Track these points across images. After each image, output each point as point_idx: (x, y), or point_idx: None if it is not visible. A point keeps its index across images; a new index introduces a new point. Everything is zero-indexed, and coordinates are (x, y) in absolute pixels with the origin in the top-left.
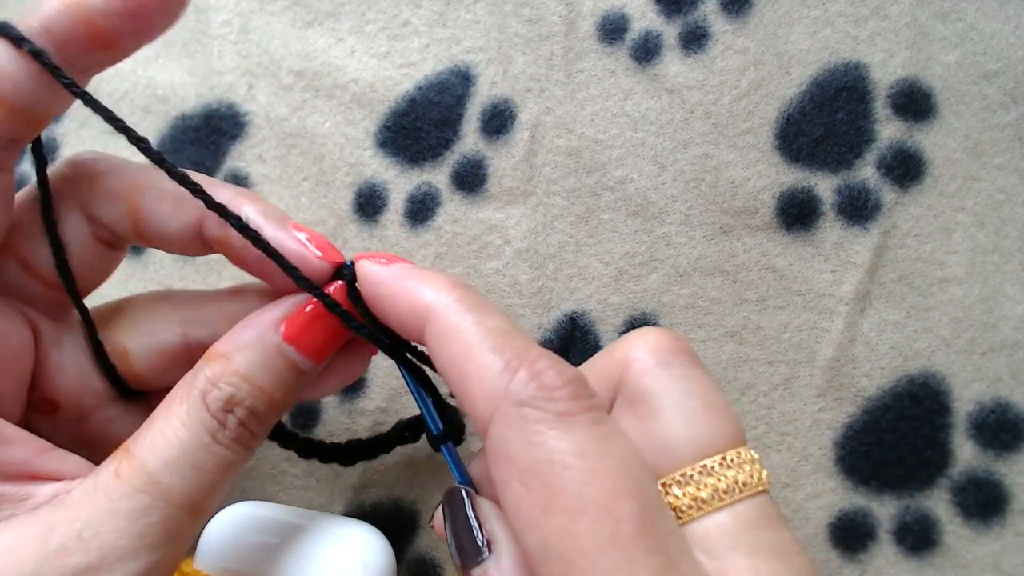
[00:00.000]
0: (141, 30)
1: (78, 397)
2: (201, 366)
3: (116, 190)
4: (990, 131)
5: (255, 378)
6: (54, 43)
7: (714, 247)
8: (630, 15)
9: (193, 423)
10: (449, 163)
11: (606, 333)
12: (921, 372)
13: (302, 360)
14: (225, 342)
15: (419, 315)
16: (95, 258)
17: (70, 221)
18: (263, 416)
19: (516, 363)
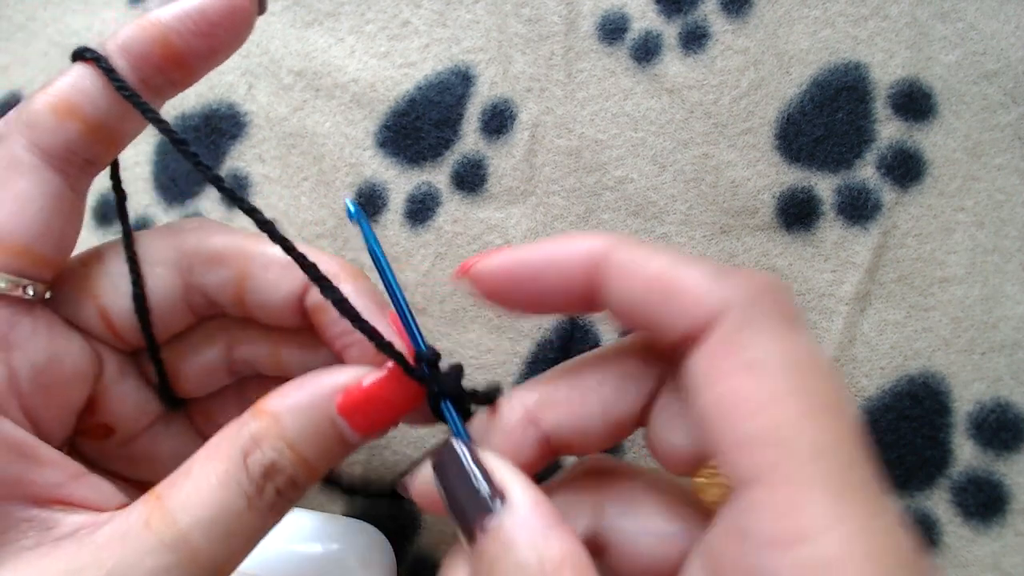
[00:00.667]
0: (213, 50)
1: (134, 422)
2: (247, 420)
3: (224, 255)
4: (990, 131)
5: (300, 446)
6: (131, 64)
7: (714, 247)
8: (630, 15)
9: (231, 485)
10: (449, 163)
11: (606, 333)
12: (921, 372)
13: (351, 434)
14: (277, 400)
15: (589, 262)
16: (176, 319)
17: (161, 278)
18: (302, 486)
19: (724, 272)
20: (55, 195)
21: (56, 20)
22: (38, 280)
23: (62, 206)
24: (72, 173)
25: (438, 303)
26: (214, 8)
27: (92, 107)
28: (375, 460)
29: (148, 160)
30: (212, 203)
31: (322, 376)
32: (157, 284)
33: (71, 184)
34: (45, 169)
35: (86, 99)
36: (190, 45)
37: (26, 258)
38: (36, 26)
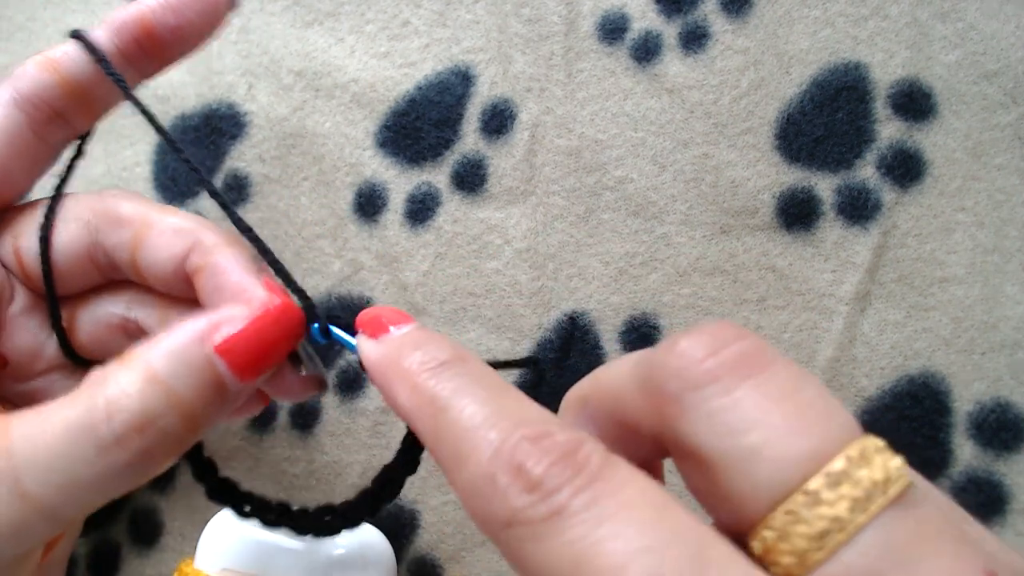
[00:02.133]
0: (181, 29)
1: (28, 359)
2: (113, 368)
3: (127, 218)
4: (990, 131)
5: (176, 393)
6: (113, 37)
7: (714, 247)
8: (630, 15)
9: (79, 433)
10: (449, 163)
11: (606, 333)
12: (921, 372)
13: (231, 377)
14: (147, 346)
15: (405, 419)
16: (80, 273)
17: (71, 232)
18: (179, 438)
19: (493, 467)
20: (13, 132)
21: (56, 20)
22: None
23: (17, 144)
24: (38, 118)
25: (438, 303)
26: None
27: (70, 66)
28: (375, 459)
29: (148, 160)
30: (212, 203)
31: (198, 318)
32: (66, 237)
33: (35, 128)
34: (12, 108)
35: (66, 59)
36: (161, 22)
37: None
38: (36, 26)
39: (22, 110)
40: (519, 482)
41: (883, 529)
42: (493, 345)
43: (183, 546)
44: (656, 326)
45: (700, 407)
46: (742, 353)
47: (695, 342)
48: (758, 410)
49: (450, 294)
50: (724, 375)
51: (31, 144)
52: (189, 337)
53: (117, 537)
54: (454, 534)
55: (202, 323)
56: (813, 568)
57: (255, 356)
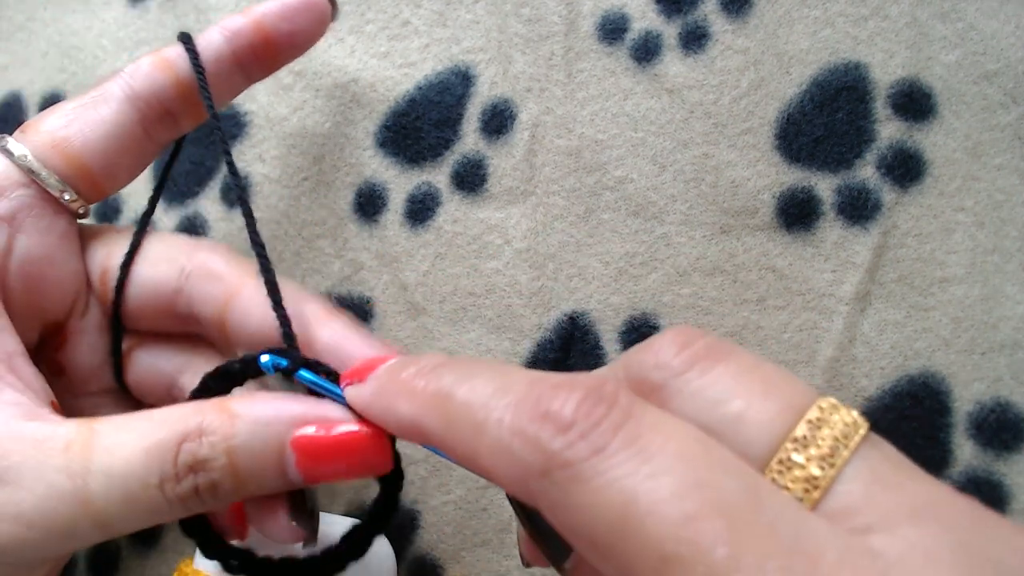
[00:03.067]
0: (294, 35)
1: (85, 375)
2: (208, 407)
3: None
4: (990, 131)
5: (240, 457)
6: (227, 38)
7: (714, 247)
8: (630, 15)
9: (154, 458)
10: (449, 163)
11: (606, 333)
12: (921, 372)
13: (293, 471)
14: (243, 404)
15: (412, 433)
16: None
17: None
18: (222, 495)
19: (519, 420)
20: (125, 127)
21: (56, 20)
22: (79, 194)
23: (127, 139)
24: (150, 116)
25: (438, 303)
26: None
27: (184, 67)
28: None
29: None
30: (211, 203)
31: (293, 401)
32: (154, 275)
33: (145, 125)
34: (126, 104)
35: (181, 60)
36: (276, 28)
37: (78, 169)
38: (36, 26)
39: (135, 107)
40: (549, 426)
41: (865, 460)
42: (493, 345)
43: (183, 546)
44: (656, 326)
45: (684, 389)
46: (708, 345)
47: (667, 341)
48: (734, 383)
49: (450, 294)
50: (699, 362)
51: (139, 140)
52: (277, 416)
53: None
54: (454, 534)
55: (296, 408)
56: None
57: (329, 465)
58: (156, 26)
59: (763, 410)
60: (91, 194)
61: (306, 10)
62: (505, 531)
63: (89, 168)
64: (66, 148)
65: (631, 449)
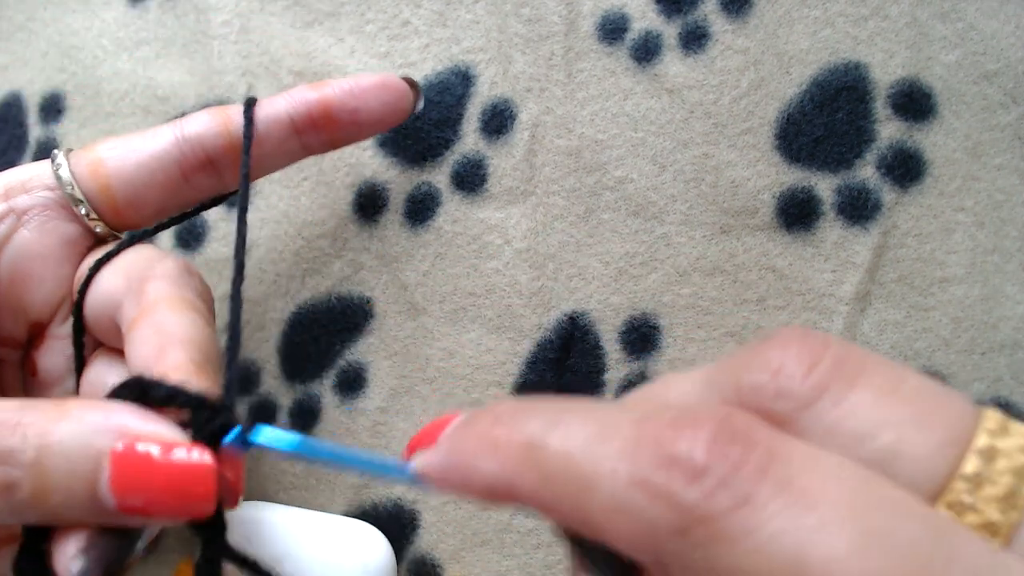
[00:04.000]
0: (358, 115)
1: (54, 379)
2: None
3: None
4: (990, 131)
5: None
6: (290, 109)
7: (714, 247)
8: (630, 15)
9: None
10: (449, 163)
11: (606, 333)
12: (921, 372)
13: (106, 491)
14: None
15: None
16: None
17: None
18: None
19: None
20: (162, 164)
21: (56, 20)
22: (98, 213)
23: (160, 176)
24: (192, 160)
25: (438, 303)
26: (370, 83)
27: (240, 126)
28: None
29: None
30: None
31: (134, 414)
32: (107, 287)
33: (184, 169)
34: (171, 144)
35: (239, 118)
36: (341, 104)
37: (102, 190)
38: (36, 26)
39: (179, 147)
40: (679, 473)
41: None
42: (493, 345)
43: (183, 546)
44: (656, 326)
45: (818, 424)
46: (837, 361)
47: (789, 357)
48: (877, 409)
49: (450, 294)
50: (831, 386)
51: (174, 180)
52: (106, 422)
53: None
54: (454, 534)
55: (129, 420)
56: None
57: (145, 492)
58: (156, 26)
59: (920, 442)
60: (114, 219)
61: (378, 92)
62: (505, 531)
63: (113, 191)
64: (98, 167)
65: (785, 497)
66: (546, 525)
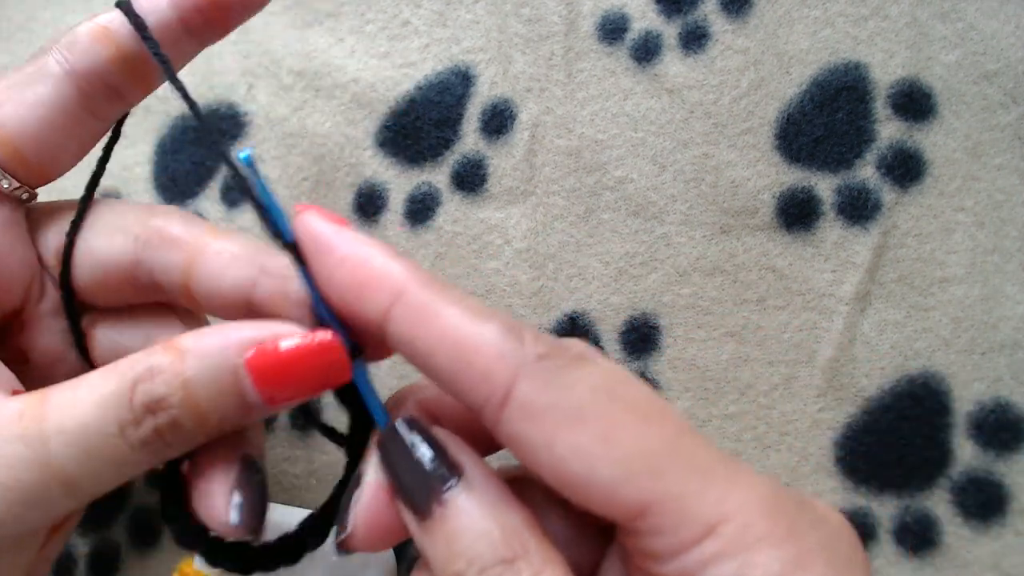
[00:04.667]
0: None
1: (51, 361)
2: (156, 349)
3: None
4: (990, 131)
5: (196, 389)
6: (180, 10)
7: (714, 247)
8: (630, 15)
9: (108, 405)
10: (449, 163)
11: (606, 333)
12: (921, 372)
13: (253, 394)
14: (190, 337)
15: (383, 293)
16: (115, 288)
17: (117, 244)
18: (185, 433)
19: (516, 329)
20: (65, 108)
21: (56, 20)
22: (18, 179)
23: (67, 120)
24: (92, 94)
25: None
26: None
27: (126, 37)
28: None
29: (148, 160)
30: (212, 203)
31: (242, 326)
32: (110, 248)
33: (88, 105)
34: (65, 82)
35: (123, 29)
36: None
37: (12, 156)
38: (36, 26)
39: (75, 85)
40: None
41: None
42: None
43: None
44: (656, 326)
45: None
46: None
47: None
48: None
49: None
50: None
51: (81, 120)
52: (225, 343)
53: (117, 537)
54: None
55: (244, 332)
56: None
57: (286, 382)
58: None
59: None
60: (32, 179)
61: None
62: None
63: (24, 154)
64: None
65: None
66: None
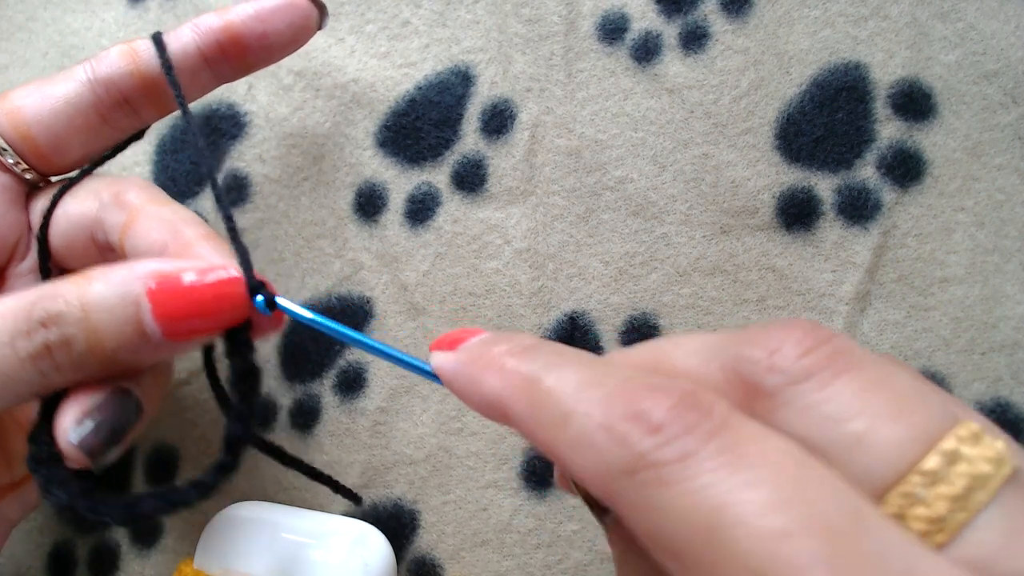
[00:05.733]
0: (266, 37)
1: None
2: (67, 278)
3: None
4: (990, 131)
5: (94, 311)
6: (198, 38)
7: (714, 247)
8: (630, 15)
9: (6, 319)
10: (449, 163)
11: (606, 333)
12: (921, 372)
13: (152, 326)
14: (101, 268)
15: (494, 410)
16: (82, 248)
17: (82, 204)
18: (79, 354)
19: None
20: (78, 107)
21: (56, 20)
22: (26, 160)
23: (78, 120)
24: (107, 101)
25: (438, 303)
26: (280, 12)
27: (149, 60)
28: (375, 459)
29: (148, 160)
30: (212, 203)
31: (149, 261)
32: (76, 208)
33: (102, 110)
34: (86, 86)
35: (148, 53)
36: (248, 29)
37: (23, 137)
38: (36, 26)
39: (92, 90)
40: (640, 426)
41: (1002, 507)
42: None
43: (183, 546)
44: (656, 326)
45: (798, 401)
46: (836, 351)
47: (790, 339)
48: (858, 399)
49: (450, 294)
50: (820, 371)
51: (92, 123)
52: (131, 271)
53: (117, 537)
54: (454, 534)
55: (150, 266)
56: (940, 546)
57: (185, 314)
58: (156, 26)
59: (889, 434)
60: (40, 164)
61: (284, 13)
62: (505, 531)
63: (34, 138)
64: (16, 116)
65: (724, 457)
66: (546, 527)
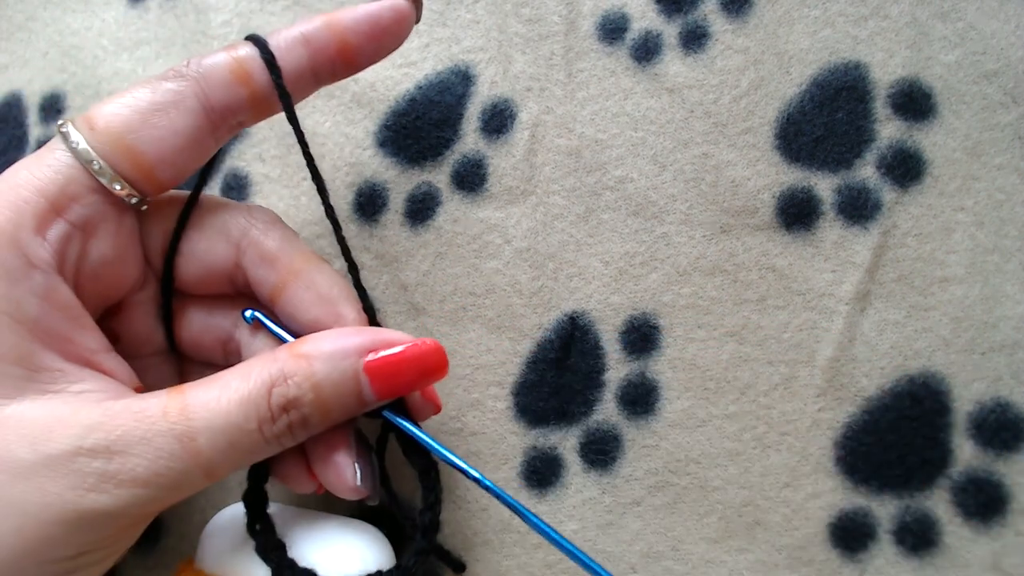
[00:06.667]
0: (378, 51)
1: (140, 342)
2: (283, 355)
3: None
4: (990, 131)
5: (324, 391)
6: (309, 52)
7: (714, 247)
8: (630, 15)
9: (249, 406)
10: (449, 163)
11: (606, 333)
12: (921, 372)
13: (369, 392)
14: (313, 345)
15: None
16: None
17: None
18: (312, 427)
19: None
20: (197, 141)
21: (56, 20)
22: (143, 194)
23: (196, 150)
24: (221, 127)
25: (438, 303)
26: (386, 17)
27: (261, 78)
28: None
29: None
30: None
31: (354, 334)
32: (211, 252)
33: (215, 134)
34: (201, 117)
35: (258, 70)
36: (362, 45)
37: (147, 176)
38: (36, 26)
39: (209, 119)
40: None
41: None
42: (493, 345)
43: (183, 546)
44: (656, 326)
45: None
46: None
47: None
48: None
49: (450, 294)
50: None
51: (205, 145)
52: (348, 348)
53: None
54: (454, 534)
55: (365, 339)
56: None
57: (397, 380)
58: (156, 26)
59: None
60: (152, 190)
61: (394, 24)
62: (505, 531)
63: (157, 176)
64: (137, 157)
65: None
66: None
